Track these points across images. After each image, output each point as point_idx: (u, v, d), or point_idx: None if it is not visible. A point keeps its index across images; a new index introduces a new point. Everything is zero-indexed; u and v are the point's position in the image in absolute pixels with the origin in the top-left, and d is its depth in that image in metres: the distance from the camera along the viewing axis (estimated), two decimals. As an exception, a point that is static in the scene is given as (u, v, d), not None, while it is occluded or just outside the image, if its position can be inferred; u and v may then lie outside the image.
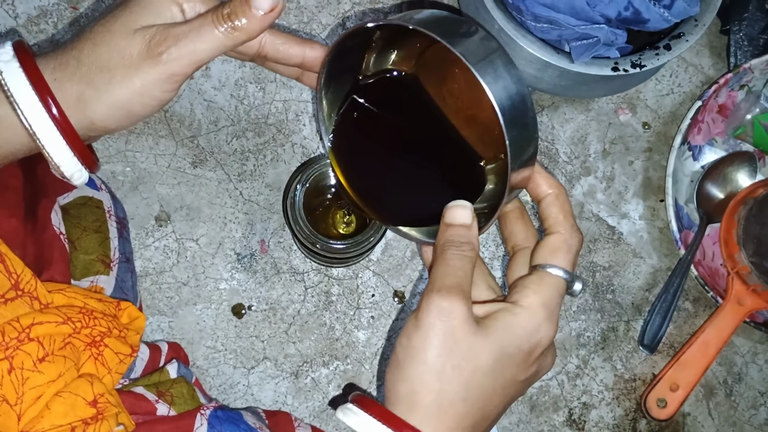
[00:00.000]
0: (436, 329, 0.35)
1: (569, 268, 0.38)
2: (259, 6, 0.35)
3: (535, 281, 0.37)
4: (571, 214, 0.39)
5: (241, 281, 0.63)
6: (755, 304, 0.63)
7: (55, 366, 0.39)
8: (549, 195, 0.39)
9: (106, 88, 0.35)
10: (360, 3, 0.69)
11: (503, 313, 0.37)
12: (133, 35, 0.36)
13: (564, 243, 0.38)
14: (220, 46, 0.36)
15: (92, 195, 0.55)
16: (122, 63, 0.35)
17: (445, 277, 0.36)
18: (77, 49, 0.36)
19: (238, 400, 0.61)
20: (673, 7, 0.58)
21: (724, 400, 0.66)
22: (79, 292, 0.44)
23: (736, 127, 0.68)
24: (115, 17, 0.36)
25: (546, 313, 0.37)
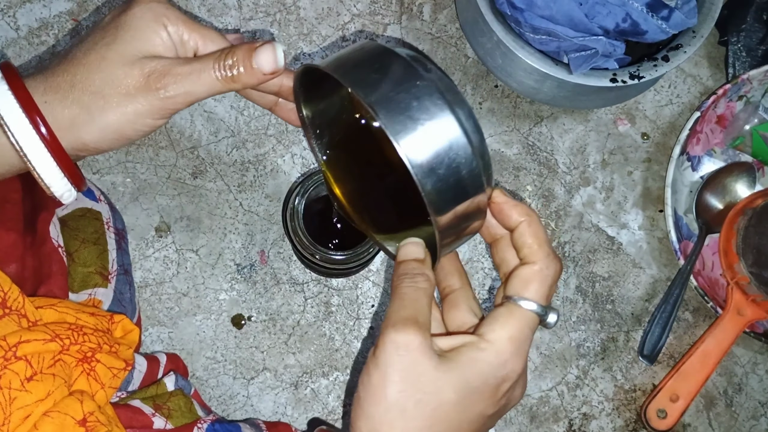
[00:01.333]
0: (395, 365, 0.34)
1: (542, 301, 0.36)
2: (261, 65, 0.37)
3: (504, 314, 0.36)
4: (545, 242, 0.37)
5: (241, 292, 0.63)
6: (755, 315, 0.63)
7: (44, 385, 0.38)
8: (521, 224, 0.37)
9: (99, 113, 0.36)
10: (360, 14, 0.69)
11: (469, 347, 0.35)
12: (131, 66, 0.36)
13: (537, 274, 0.36)
14: (216, 91, 0.37)
15: (91, 206, 0.55)
16: (117, 91, 0.36)
17: (399, 310, 0.35)
18: (70, 73, 0.36)
19: (237, 411, 0.61)
20: (671, 19, 0.59)
21: (725, 410, 0.66)
22: (71, 306, 0.44)
23: (734, 138, 0.69)
24: (108, 45, 0.37)
25: (513, 348, 0.35)
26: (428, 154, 0.33)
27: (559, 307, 0.66)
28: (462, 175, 0.34)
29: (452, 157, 0.33)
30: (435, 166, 0.33)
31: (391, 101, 0.33)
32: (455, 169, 0.33)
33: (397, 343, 0.34)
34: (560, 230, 0.67)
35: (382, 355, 0.34)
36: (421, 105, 0.33)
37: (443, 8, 0.70)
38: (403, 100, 0.33)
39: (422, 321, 0.35)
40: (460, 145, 0.33)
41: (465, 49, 0.69)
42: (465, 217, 0.35)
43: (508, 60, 0.62)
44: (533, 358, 0.65)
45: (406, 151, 0.32)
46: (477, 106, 0.68)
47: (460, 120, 0.33)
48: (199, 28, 0.38)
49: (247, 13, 0.68)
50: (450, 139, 0.33)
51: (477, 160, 0.34)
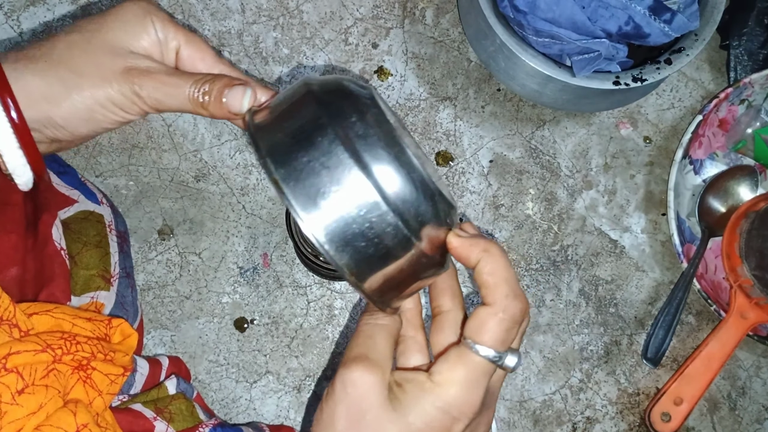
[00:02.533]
0: (343, 402, 0.34)
1: (496, 346, 0.34)
2: (228, 104, 0.37)
3: (454, 357, 0.34)
4: (505, 280, 0.34)
5: (244, 295, 0.63)
6: (758, 318, 0.63)
7: (36, 397, 0.37)
8: (479, 262, 0.35)
9: (74, 90, 0.36)
10: (363, 18, 0.69)
11: (413, 386, 0.35)
12: (115, 55, 0.37)
13: (492, 317, 0.34)
14: (185, 109, 0.38)
15: (93, 209, 0.54)
16: (96, 73, 0.36)
17: (353, 347, 0.35)
18: (48, 47, 0.37)
19: (240, 414, 0.61)
20: (673, 22, 0.59)
21: (728, 414, 0.66)
22: (68, 312, 0.43)
23: (736, 141, 0.69)
24: (96, 31, 0.37)
25: (459, 392, 0.34)
26: (339, 228, 0.31)
27: (562, 310, 0.66)
28: (383, 242, 0.31)
29: (369, 225, 0.31)
30: (349, 239, 0.31)
31: (297, 172, 0.31)
32: (374, 237, 0.31)
33: (344, 380, 0.34)
34: (563, 233, 0.67)
35: (331, 392, 0.35)
36: (328, 172, 0.31)
37: (446, 12, 0.70)
38: (309, 170, 0.31)
39: (374, 357, 0.35)
40: (376, 211, 0.31)
41: (467, 53, 0.69)
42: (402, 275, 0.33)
43: (511, 63, 0.62)
44: (536, 361, 0.65)
45: (312, 230, 0.31)
46: (480, 110, 0.68)
47: (376, 180, 0.31)
48: (183, 31, 0.39)
49: (250, 16, 0.68)
50: (363, 206, 0.31)
51: (400, 218, 0.31)
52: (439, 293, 0.38)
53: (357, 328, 0.37)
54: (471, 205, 0.67)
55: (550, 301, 0.66)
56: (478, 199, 0.67)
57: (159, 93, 0.37)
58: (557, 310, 0.66)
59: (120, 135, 0.65)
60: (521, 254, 0.67)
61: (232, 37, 0.68)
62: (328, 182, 0.31)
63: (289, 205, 0.31)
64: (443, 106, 0.68)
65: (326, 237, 0.31)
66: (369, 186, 0.31)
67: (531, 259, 0.67)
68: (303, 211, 0.31)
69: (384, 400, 0.34)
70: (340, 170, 0.31)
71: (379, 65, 0.69)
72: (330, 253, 0.31)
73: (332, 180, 0.31)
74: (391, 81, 0.68)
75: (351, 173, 0.31)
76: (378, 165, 0.31)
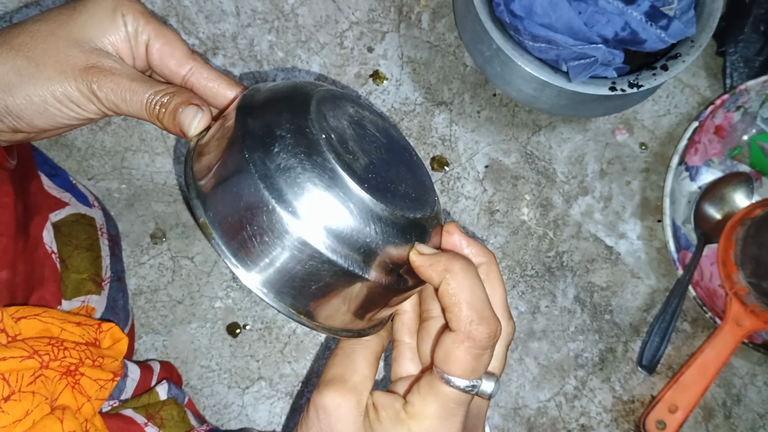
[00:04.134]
0: (315, 427, 0.33)
1: (467, 375, 0.32)
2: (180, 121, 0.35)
3: (426, 388, 0.33)
4: (468, 303, 0.31)
5: (237, 300, 0.62)
6: (754, 325, 0.63)
7: (22, 404, 0.37)
8: (441, 283, 0.31)
9: (29, 80, 0.35)
10: (358, 22, 0.69)
11: (388, 415, 0.33)
12: (77, 49, 0.35)
13: (458, 345, 0.31)
14: (141, 117, 0.37)
15: (85, 212, 0.54)
16: (55, 66, 0.35)
17: (329, 368, 0.34)
18: (11, 35, 0.36)
19: (232, 420, 0.60)
20: (669, 28, 0.59)
21: (723, 422, 0.65)
22: (57, 316, 0.42)
23: (732, 148, 0.69)
24: (62, 23, 0.36)
25: (434, 425, 0.32)
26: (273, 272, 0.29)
27: (557, 317, 0.65)
28: (323, 279, 0.30)
29: (303, 266, 0.29)
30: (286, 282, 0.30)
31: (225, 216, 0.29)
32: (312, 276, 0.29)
33: (316, 405, 0.33)
34: (558, 240, 0.67)
35: (305, 417, 0.34)
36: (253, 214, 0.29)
37: (442, 17, 0.70)
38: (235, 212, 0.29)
39: (350, 380, 0.33)
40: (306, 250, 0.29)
41: (463, 58, 0.69)
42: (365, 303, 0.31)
43: (507, 68, 0.62)
44: (531, 368, 0.64)
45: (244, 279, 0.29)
46: (475, 115, 0.68)
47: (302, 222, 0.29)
48: (156, 24, 0.37)
49: (245, 19, 0.68)
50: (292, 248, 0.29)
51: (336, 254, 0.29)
52: (427, 297, 0.37)
53: (336, 346, 0.36)
54: (466, 210, 0.67)
55: (545, 308, 0.66)
56: (474, 205, 0.67)
57: (116, 96, 0.36)
58: (552, 316, 0.65)
59: (113, 138, 0.64)
60: (516, 260, 0.66)
61: (226, 40, 0.67)
62: (254, 225, 0.29)
63: (219, 251, 0.29)
64: (439, 110, 0.68)
65: (261, 283, 0.30)
66: (295, 226, 0.29)
67: (526, 265, 0.66)
68: (234, 258, 0.29)
69: (357, 428, 0.33)
70: (263, 211, 0.29)
71: (375, 69, 0.68)
72: (269, 298, 0.30)
73: (258, 223, 0.29)
74: (387, 85, 0.68)
75: (275, 214, 0.28)
76: (303, 201, 0.29)
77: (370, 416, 0.33)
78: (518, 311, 0.65)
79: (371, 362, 0.35)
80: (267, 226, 0.29)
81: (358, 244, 0.29)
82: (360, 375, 0.34)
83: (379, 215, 0.30)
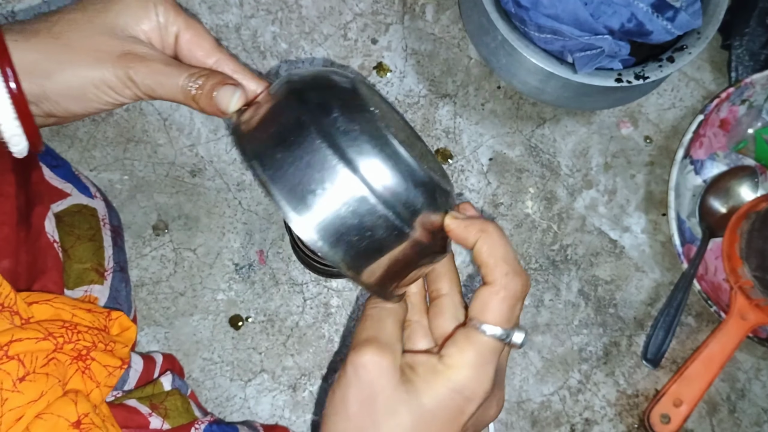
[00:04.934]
0: (354, 385, 0.34)
1: (503, 324, 0.35)
2: (218, 101, 0.37)
3: (462, 339, 0.35)
4: (504, 258, 0.35)
5: (239, 292, 0.62)
6: (758, 319, 0.63)
7: (37, 385, 0.37)
8: (476, 242, 0.35)
9: (68, 66, 0.36)
10: (362, 14, 0.69)
11: (425, 369, 0.35)
12: (114, 37, 0.37)
13: (495, 296, 0.35)
14: (176, 100, 0.38)
15: (87, 203, 0.54)
16: (93, 53, 0.37)
17: (361, 332, 0.36)
18: (50, 23, 0.37)
19: (234, 413, 0.60)
20: (676, 20, 0.58)
21: (728, 416, 0.65)
22: (68, 302, 0.42)
23: (737, 142, 0.68)
24: (98, 12, 0.37)
25: (472, 373, 0.34)
26: (330, 225, 0.31)
27: (561, 310, 0.65)
28: (375, 234, 0.32)
29: (359, 219, 0.32)
30: (341, 235, 0.32)
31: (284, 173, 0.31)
32: (366, 230, 0.32)
33: (355, 364, 0.34)
34: (562, 233, 0.67)
35: (343, 376, 0.35)
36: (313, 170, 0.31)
37: (446, 8, 0.69)
38: (295, 169, 0.31)
39: (383, 340, 0.35)
40: (364, 205, 0.31)
41: (468, 50, 0.69)
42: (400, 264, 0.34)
43: (513, 59, 0.62)
44: (534, 362, 0.64)
45: (304, 229, 0.31)
46: (479, 108, 0.68)
47: (362, 174, 0.31)
48: (184, 16, 0.39)
49: (248, 10, 0.67)
50: (351, 202, 0.31)
51: (391, 210, 0.32)
52: (437, 277, 0.39)
53: (364, 312, 0.37)
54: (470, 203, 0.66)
55: (549, 301, 0.65)
56: (477, 198, 0.66)
57: (152, 80, 0.37)
58: (556, 310, 0.65)
59: (115, 128, 0.64)
60: (520, 253, 0.66)
61: (229, 31, 0.67)
62: (315, 180, 0.31)
63: (279, 205, 0.31)
64: (443, 103, 0.68)
65: (318, 234, 0.31)
66: (355, 181, 0.31)
67: (530, 258, 0.66)
68: (293, 211, 0.31)
69: (396, 383, 0.34)
70: (325, 168, 0.31)
71: (379, 61, 0.68)
72: (324, 250, 0.32)
73: (319, 178, 0.31)
74: (390, 77, 0.68)
75: (337, 170, 0.31)
76: (363, 159, 0.31)
77: (407, 373, 0.35)
78: (522, 305, 0.65)
79: (399, 325, 0.37)
80: (328, 183, 0.31)
81: (408, 204, 0.32)
82: (392, 336, 0.36)
83: (423, 180, 0.33)
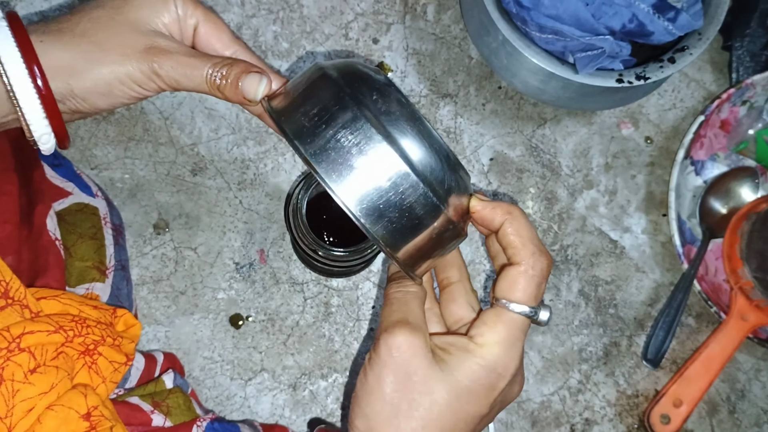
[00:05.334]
0: (389, 365, 0.35)
1: (530, 302, 0.36)
2: (244, 90, 0.38)
3: (492, 317, 0.36)
4: (529, 239, 0.36)
5: (240, 291, 0.62)
6: (759, 320, 0.63)
7: (47, 377, 0.37)
8: (503, 224, 0.36)
9: (96, 64, 0.37)
10: (363, 13, 0.69)
11: (459, 350, 0.36)
12: (137, 32, 0.38)
13: (522, 275, 0.36)
14: (201, 90, 0.39)
15: (88, 202, 0.54)
16: (118, 50, 0.37)
17: (390, 315, 0.37)
18: (74, 22, 0.38)
19: (234, 412, 0.60)
20: (677, 21, 0.58)
21: (728, 417, 0.65)
22: (75, 298, 0.43)
23: (738, 143, 0.68)
24: (119, 9, 0.38)
25: (503, 350, 0.36)
26: (372, 200, 0.32)
27: (561, 310, 0.65)
28: (414, 211, 0.33)
29: (400, 196, 0.33)
30: (382, 211, 0.33)
31: (327, 150, 0.32)
32: (406, 206, 0.33)
33: (389, 344, 0.35)
34: (563, 233, 0.67)
35: (376, 357, 0.35)
36: (357, 147, 0.32)
37: (447, 8, 0.69)
38: (338, 146, 0.32)
39: (413, 322, 0.36)
40: (406, 181, 0.33)
41: (469, 50, 0.69)
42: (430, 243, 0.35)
43: (513, 59, 0.62)
44: (535, 362, 0.64)
45: (348, 203, 0.32)
46: (480, 108, 0.68)
47: (404, 152, 0.32)
48: (202, 9, 0.40)
49: (249, 9, 0.68)
50: (394, 178, 0.32)
51: (429, 188, 0.33)
52: (447, 266, 0.41)
53: (387, 297, 0.38)
54: (471, 203, 0.66)
55: (549, 301, 0.65)
56: (478, 198, 0.66)
57: (177, 73, 0.38)
58: (556, 310, 0.65)
59: (116, 127, 0.64)
60: (521, 253, 0.66)
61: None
62: (358, 157, 0.32)
63: (323, 181, 0.32)
64: (444, 103, 0.68)
65: (360, 211, 0.32)
66: (397, 158, 0.32)
67: (531, 258, 0.66)
68: (337, 187, 0.32)
69: (430, 361, 0.35)
70: (368, 144, 0.32)
71: (380, 61, 0.68)
72: (366, 226, 0.32)
73: (362, 154, 0.32)
74: (391, 77, 0.68)
75: (379, 146, 0.32)
76: (403, 138, 0.33)
77: (438, 354, 0.36)
78: (522, 305, 0.65)
79: (422, 307, 0.38)
80: (371, 159, 0.32)
81: (443, 183, 0.34)
82: (419, 318, 0.37)
83: (453, 163, 0.34)
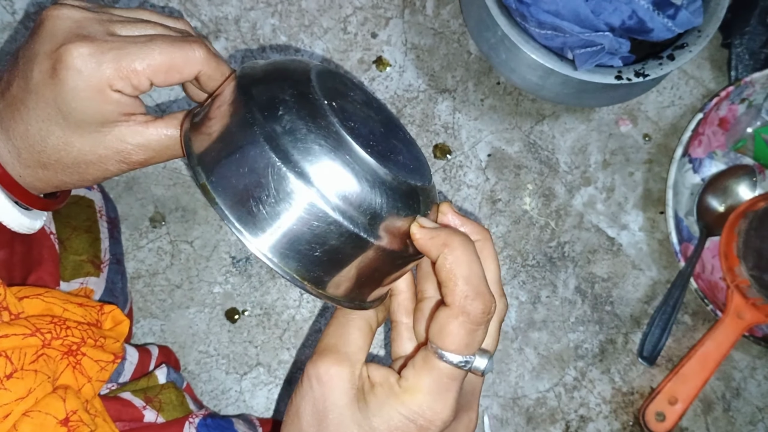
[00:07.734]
0: (307, 397, 0.33)
1: (461, 350, 0.31)
2: None
3: (420, 362, 0.32)
4: (465, 278, 0.31)
5: (236, 285, 0.62)
6: (755, 318, 0.63)
7: (24, 382, 0.36)
8: (439, 257, 0.31)
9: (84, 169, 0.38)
10: (362, 7, 0.68)
11: (383, 389, 0.33)
12: (96, 145, 0.37)
13: (452, 320, 0.31)
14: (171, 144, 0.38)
15: (84, 194, 0.53)
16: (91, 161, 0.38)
17: (324, 338, 0.34)
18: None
19: (230, 406, 0.60)
20: (677, 18, 0.58)
21: (722, 415, 0.65)
22: (59, 296, 0.42)
23: (736, 141, 0.68)
24: (60, 124, 0.36)
25: (429, 399, 0.32)
26: (278, 235, 0.29)
27: (557, 307, 0.65)
28: (330, 243, 0.29)
29: (310, 230, 0.29)
30: (290, 245, 0.29)
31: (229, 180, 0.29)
32: (318, 239, 0.29)
33: (310, 374, 0.33)
34: (560, 230, 0.67)
35: (299, 386, 0.34)
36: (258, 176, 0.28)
37: (446, 3, 0.69)
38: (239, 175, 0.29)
39: (344, 350, 0.33)
40: (315, 214, 0.29)
41: (468, 45, 0.68)
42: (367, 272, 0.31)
43: (513, 55, 0.61)
44: (530, 358, 0.64)
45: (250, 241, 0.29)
46: (479, 103, 0.68)
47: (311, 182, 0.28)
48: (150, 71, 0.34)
49: (247, 2, 0.67)
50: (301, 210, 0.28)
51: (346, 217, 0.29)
52: (424, 277, 0.36)
53: (332, 315, 0.35)
54: (468, 199, 0.66)
55: (546, 298, 0.65)
56: (476, 193, 0.66)
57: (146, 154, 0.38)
58: (553, 307, 0.65)
59: (112, 120, 0.63)
60: (517, 250, 0.66)
61: (228, 23, 0.67)
62: (259, 187, 0.28)
63: (223, 215, 0.29)
64: (442, 98, 0.67)
65: (267, 246, 0.29)
66: (300, 185, 0.28)
67: (527, 255, 0.66)
68: (238, 222, 0.29)
69: (350, 400, 0.33)
70: (269, 173, 0.28)
71: (378, 55, 0.68)
72: (274, 262, 0.29)
73: (263, 184, 0.28)
74: (390, 71, 0.67)
75: (281, 175, 0.28)
76: (309, 161, 0.28)
77: (365, 388, 0.33)
78: (519, 301, 0.65)
79: (366, 333, 0.35)
80: (272, 188, 0.28)
81: (364, 206, 0.29)
82: (354, 346, 0.34)
83: (383, 179, 0.30)
